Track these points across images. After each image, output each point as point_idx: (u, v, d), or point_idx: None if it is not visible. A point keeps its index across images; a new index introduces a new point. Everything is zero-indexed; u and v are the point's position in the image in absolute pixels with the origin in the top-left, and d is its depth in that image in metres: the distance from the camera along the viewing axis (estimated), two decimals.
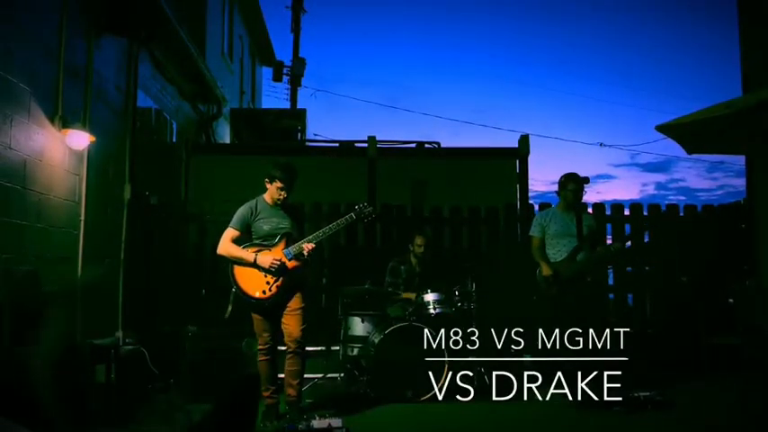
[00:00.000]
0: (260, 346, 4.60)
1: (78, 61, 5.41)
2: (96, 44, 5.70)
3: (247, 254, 4.50)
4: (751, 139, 5.72)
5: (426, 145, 9.03)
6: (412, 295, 5.95)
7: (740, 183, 11.23)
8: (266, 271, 4.46)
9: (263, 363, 4.58)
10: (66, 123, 5.06)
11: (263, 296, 4.48)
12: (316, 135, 22.34)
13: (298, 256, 4.52)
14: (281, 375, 4.64)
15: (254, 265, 4.46)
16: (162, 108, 7.74)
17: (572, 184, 5.51)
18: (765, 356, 5.71)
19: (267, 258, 4.46)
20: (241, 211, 4.63)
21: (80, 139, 5.20)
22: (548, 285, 5.48)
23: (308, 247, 4.51)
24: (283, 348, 4.60)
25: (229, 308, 4.62)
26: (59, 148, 5.07)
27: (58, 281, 5.03)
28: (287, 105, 16.33)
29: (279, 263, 4.46)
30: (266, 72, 17.28)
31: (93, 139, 5.32)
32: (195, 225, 6.98)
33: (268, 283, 4.47)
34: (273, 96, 20.64)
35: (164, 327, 6.02)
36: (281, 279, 4.48)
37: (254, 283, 4.48)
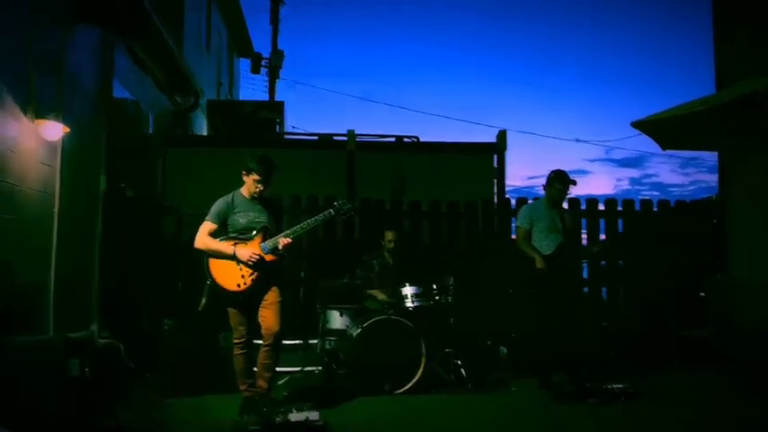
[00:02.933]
0: (236, 340, 4.59)
1: (52, 51, 5.32)
2: (70, 34, 5.60)
3: (226, 246, 4.49)
4: (724, 136, 5.81)
5: (405, 139, 9.03)
6: (379, 293, 5.94)
7: (712, 178, 11.43)
8: (244, 264, 4.46)
9: (240, 356, 4.57)
10: (39, 114, 4.96)
11: (237, 289, 4.48)
12: (294, 128, 22.19)
13: (274, 250, 4.52)
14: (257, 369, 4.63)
15: (233, 257, 4.45)
16: (138, 99, 7.64)
17: (558, 184, 5.59)
18: (735, 349, 5.83)
19: (246, 252, 4.45)
20: (218, 205, 4.61)
21: (54, 130, 5.11)
22: (539, 278, 5.52)
23: (284, 241, 4.51)
24: (260, 342, 4.60)
25: (203, 300, 4.62)
26: (33, 139, 4.98)
27: (32, 273, 4.96)
28: (265, 97, 16.24)
29: (257, 257, 4.46)
30: (244, 64, 17.16)
31: (66, 130, 5.23)
32: (172, 218, 6.91)
33: (243, 276, 4.47)
34: (251, 88, 20.50)
35: (140, 320, 5.97)
36: (256, 272, 4.48)
37: (229, 276, 4.47)
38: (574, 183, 5.62)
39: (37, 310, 4.97)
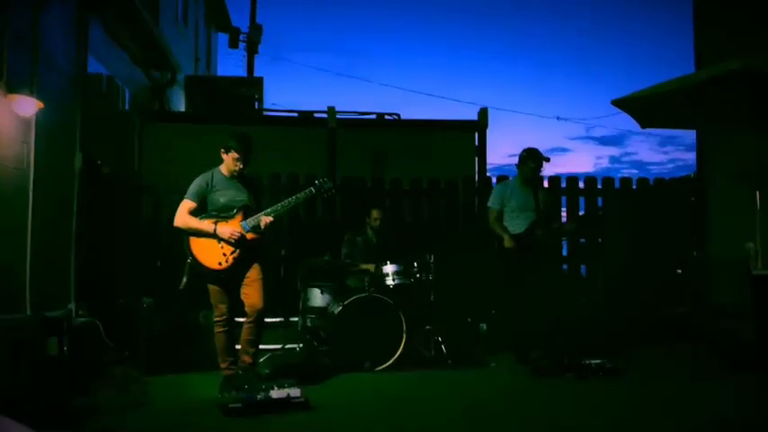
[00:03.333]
0: (216, 318, 4.57)
1: (24, 24, 5.18)
2: (43, 7, 5.45)
3: (206, 225, 4.45)
4: (701, 114, 5.86)
5: (387, 117, 8.98)
6: (371, 266, 5.97)
7: (690, 156, 11.56)
8: (225, 242, 4.43)
9: (220, 334, 4.56)
10: (11, 89, 4.85)
11: (219, 267, 4.45)
12: (273, 104, 22.02)
13: (255, 228, 4.49)
14: (239, 347, 4.62)
15: (214, 235, 4.42)
16: (114, 74, 7.50)
17: (532, 162, 5.58)
18: (713, 325, 5.94)
19: (227, 230, 4.43)
20: (197, 183, 4.56)
21: (27, 106, 5.00)
22: (509, 257, 5.55)
23: (265, 220, 4.49)
24: (241, 320, 4.59)
25: (184, 279, 4.59)
26: (5, 115, 4.87)
27: (7, 251, 4.88)
28: (243, 73, 15.99)
29: (238, 234, 4.43)
30: (222, 38, 16.85)
31: (40, 105, 5.12)
32: (150, 195, 6.84)
33: (224, 254, 4.44)
34: (230, 64, 20.20)
35: (118, 299, 5.92)
36: (237, 250, 4.45)
37: (211, 254, 4.44)
38: (547, 159, 5.62)
39: (12, 289, 4.90)
